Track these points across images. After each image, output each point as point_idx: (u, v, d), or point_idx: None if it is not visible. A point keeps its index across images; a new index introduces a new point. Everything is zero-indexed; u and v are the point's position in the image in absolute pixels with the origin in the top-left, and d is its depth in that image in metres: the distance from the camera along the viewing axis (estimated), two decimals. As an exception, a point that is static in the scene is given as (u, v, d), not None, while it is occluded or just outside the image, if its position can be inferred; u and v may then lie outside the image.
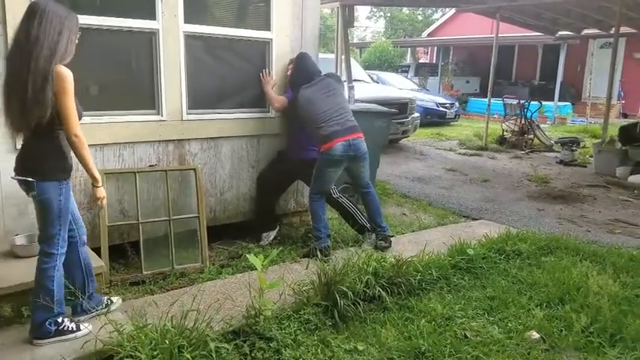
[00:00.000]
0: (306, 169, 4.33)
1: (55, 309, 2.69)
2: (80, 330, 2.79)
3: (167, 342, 2.48)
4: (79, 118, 2.63)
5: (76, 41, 2.63)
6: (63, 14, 2.54)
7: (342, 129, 4.14)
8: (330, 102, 4.22)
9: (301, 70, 4.33)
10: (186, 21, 3.88)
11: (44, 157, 2.60)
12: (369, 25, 35.98)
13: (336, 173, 4.30)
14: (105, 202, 2.89)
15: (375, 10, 33.51)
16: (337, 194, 4.50)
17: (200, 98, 4.11)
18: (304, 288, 3.27)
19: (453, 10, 22.77)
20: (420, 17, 32.82)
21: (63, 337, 2.71)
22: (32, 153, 2.61)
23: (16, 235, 3.33)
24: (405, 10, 32.63)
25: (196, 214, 4.03)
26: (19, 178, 2.61)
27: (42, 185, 2.59)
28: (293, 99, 4.27)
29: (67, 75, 2.50)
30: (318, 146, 4.23)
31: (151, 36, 3.77)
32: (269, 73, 4.42)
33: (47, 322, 2.68)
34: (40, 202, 2.63)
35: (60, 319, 2.74)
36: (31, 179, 2.57)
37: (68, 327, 2.76)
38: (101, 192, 2.80)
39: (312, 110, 4.17)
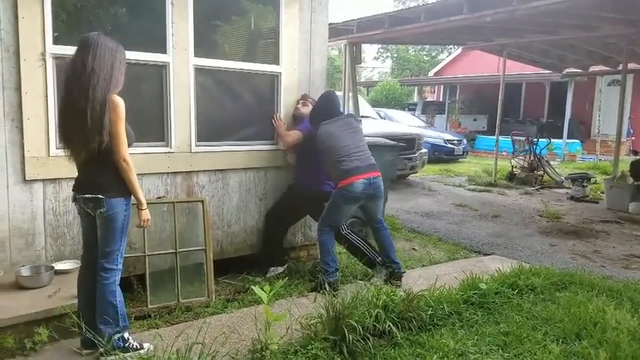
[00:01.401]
0: (316, 204, 4.30)
1: (120, 323, 2.82)
2: (143, 348, 2.89)
3: (171, 376, 2.41)
4: (130, 144, 2.81)
5: (124, 71, 2.81)
6: (113, 47, 2.74)
7: (362, 165, 4.15)
8: (351, 138, 4.26)
9: (325, 107, 4.35)
10: (197, 55, 3.94)
11: (109, 176, 2.76)
12: (376, 65, 36.57)
13: (351, 210, 4.29)
14: (149, 223, 3.00)
15: (382, 50, 34.12)
16: (346, 230, 4.44)
17: (209, 130, 4.14)
18: (312, 322, 3.18)
19: (460, 50, 23.15)
20: (426, 57, 33.33)
21: (128, 355, 2.76)
22: (97, 173, 2.77)
23: (22, 266, 3.31)
24: (412, 50, 33.18)
25: (203, 247, 3.98)
26: (91, 196, 2.75)
27: (110, 202, 2.75)
28: (312, 134, 4.27)
29: (121, 103, 2.69)
30: (334, 181, 4.22)
31: (161, 69, 3.83)
32: (277, 108, 4.47)
33: (116, 338, 2.77)
34: (107, 218, 2.77)
35: (126, 335, 2.86)
36: (101, 196, 2.73)
37: (132, 344, 2.88)
38: (146, 214, 2.93)
39: (333, 144, 4.18)
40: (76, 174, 3.35)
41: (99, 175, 2.76)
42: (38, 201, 3.43)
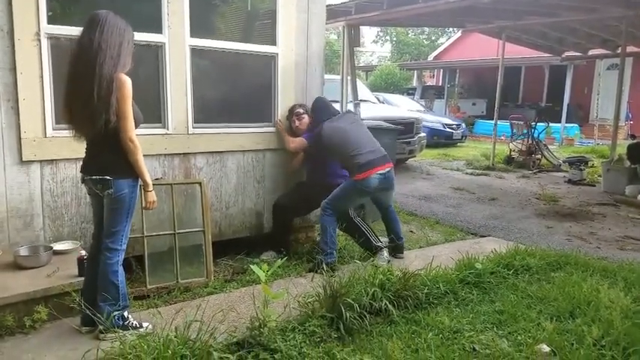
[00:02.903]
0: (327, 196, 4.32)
1: (121, 302, 2.84)
2: (142, 327, 2.90)
3: (170, 352, 2.45)
4: (138, 124, 2.79)
5: (132, 52, 2.78)
6: (122, 27, 2.70)
7: (376, 158, 4.21)
8: (359, 131, 4.35)
9: (322, 107, 4.45)
10: (193, 35, 3.91)
11: (117, 157, 2.73)
12: (375, 49, 36.37)
13: (361, 201, 4.47)
14: (156, 205, 2.97)
15: (381, 34, 33.89)
16: (354, 215, 4.50)
17: (206, 112, 4.13)
18: (309, 300, 3.22)
19: (459, 34, 23.04)
20: (425, 42, 33.13)
21: (128, 333, 2.73)
22: (105, 154, 2.75)
23: (21, 246, 3.33)
24: (411, 34, 32.97)
25: (202, 228, 4.00)
26: (99, 177, 2.73)
27: (119, 183, 2.75)
28: (317, 135, 4.27)
29: (128, 82, 2.66)
30: (350, 174, 4.24)
31: (157, 49, 3.81)
32: (274, 90, 4.46)
33: (115, 317, 2.79)
34: (115, 199, 2.77)
35: (126, 314, 2.88)
36: (109, 177, 2.71)
37: (132, 323, 2.90)
38: (152, 196, 2.92)
39: (344, 139, 4.22)
40: (72, 155, 3.39)
41: (106, 157, 2.75)
42: (36, 182, 3.43)
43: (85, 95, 2.59)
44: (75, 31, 3.34)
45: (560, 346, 2.92)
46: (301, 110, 4.47)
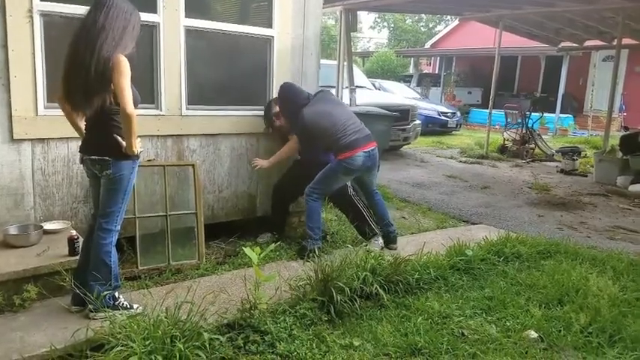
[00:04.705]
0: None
1: (112, 282, 2.84)
2: (133, 308, 2.91)
3: (160, 332, 2.45)
4: (136, 105, 2.75)
5: (136, 37, 2.76)
6: (128, 10, 2.69)
7: (361, 137, 4.16)
8: (340, 111, 4.26)
9: (292, 93, 4.24)
10: (188, 15, 3.86)
11: (116, 138, 2.70)
12: (372, 35, 36.14)
13: (347, 181, 4.36)
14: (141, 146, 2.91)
15: (378, 20, 33.69)
16: (355, 197, 4.50)
17: (200, 94, 4.09)
18: (301, 283, 3.24)
19: (457, 22, 22.94)
20: (422, 29, 32.98)
21: (118, 313, 2.73)
22: (104, 134, 2.72)
23: (10, 225, 3.31)
24: (409, 20, 32.80)
25: (194, 211, 3.99)
26: (97, 157, 2.72)
27: (118, 163, 2.73)
28: (300, 125, 4.13)
29: (125, 60, 2.64)
30: (334, 153, 4.17)
31: (151, 29, 3.75)
32: (270, 73, 4.42)
33: (106, 297, 2.79)
34: (113, 180, 2.75)
35: (117, 294, 2.89)
36: (108, 158, 2.69)
37: (123, 303, 2.91)
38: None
39: (327, 122, 4.12)
40: (64, 134, 3.35)
41: (106, 137, 2.73)
42: (27, 161, 3.40)
43: (82, 73, 2.59)
44: (68, 8, 3.32)
45: (547, 332, 2.97)
46: (278, 108, 4.33)
